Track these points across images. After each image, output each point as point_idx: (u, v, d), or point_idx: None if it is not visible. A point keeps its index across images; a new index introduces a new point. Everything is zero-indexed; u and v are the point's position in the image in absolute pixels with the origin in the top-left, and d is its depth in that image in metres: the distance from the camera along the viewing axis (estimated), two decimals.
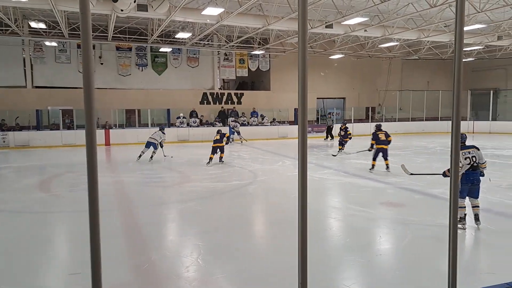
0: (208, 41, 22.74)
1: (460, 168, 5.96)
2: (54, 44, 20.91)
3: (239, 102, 24.66)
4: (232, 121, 21.71)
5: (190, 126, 21.84)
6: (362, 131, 24.14)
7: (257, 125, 23.22)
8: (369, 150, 12.23)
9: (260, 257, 5.35)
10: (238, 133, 20.57)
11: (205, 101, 24.06)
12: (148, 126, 21.48)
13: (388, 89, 28.35)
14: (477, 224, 6.21)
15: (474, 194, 6.22)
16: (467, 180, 6.12)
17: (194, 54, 23.83)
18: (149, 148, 14.11)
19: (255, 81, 27.21)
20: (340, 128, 16.18)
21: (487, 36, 20.59)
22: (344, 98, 28.08)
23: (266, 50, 24.01)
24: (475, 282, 4.33)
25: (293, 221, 2.50)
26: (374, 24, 17.45)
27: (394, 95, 28.12)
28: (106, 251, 2.06)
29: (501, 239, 5.95)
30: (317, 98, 26.68)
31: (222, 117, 23.12)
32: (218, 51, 23.97)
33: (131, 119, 22.15)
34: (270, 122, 23.88)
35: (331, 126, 22.38)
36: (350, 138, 15.88)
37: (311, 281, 2.67)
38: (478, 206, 6.21)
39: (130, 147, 19.21)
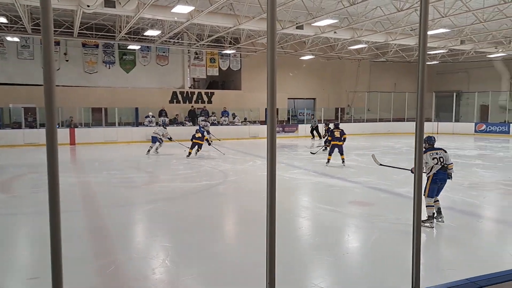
0: (178, 39, 22.48)
1: (431, 168, 6.26)
2: (16, 39, 20.12)
3: (209, 102, 24.51)
4: (202, 121, 21.55)
5: (159, 125, 21.51)
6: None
7: (227, 124, 23.15)
8: (325, 148, 13.42)
9: (229, 258, 5.32)
10: (208, 132, 20.43)
11: (174, 100, 23.76)
12: (115, 125, 21.02)
13: (357, 91, 28.91)
14: (440, 218, 6.43)
15: (438, 192, 6.51)
16: (437, 179, 6.37)
17: (164, 52, 23.50)
18: (155, 142, 15.85)
19: (226, 80, 27.13)
20: (324, 129, 16.92)
21: (450, 40, 21.32)
22: (314, 99, 28.42)
23: (237, 50, 23.98)
24: (437, 278, 4.46)
25: (263, 221, 2.48)
26: (344, 26, 17.74)
27: (362, 96, 28.70)
28: (70, 254, 1.99)
29: (462, 236, 6.17)
30: (288, 99, 26.89)
31: (192, 117, 22.91)
32: (188, 50, 23.73)
33: (98, 117, 21.58)
34: (241, 122, 23.87)
35: (316, 126, 23.15)
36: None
37: (280, 280, 2.68)
38: (438, 201, 6.50)
39: (96, 147, 18.75)
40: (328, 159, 12.79)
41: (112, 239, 6.01)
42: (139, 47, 22.34)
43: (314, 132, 22.86)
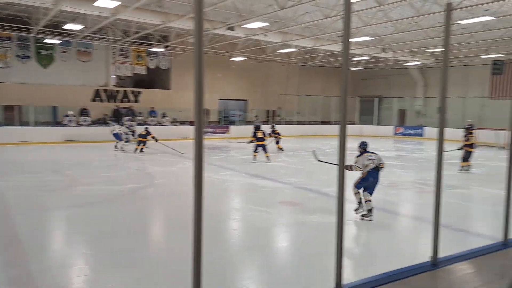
0: (102, 34, 21.39)
1: (366, 167, 6.86)
2: None
3: (136, 101, 23.57)
4: (127, 121, 20.69)
5: (81, 125, 20.32)
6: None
7: (155, 125, 22.43)
8: (248, 143, 14.81)
9: (155, 263, 5.11)
10: (134, 133, 19.67)
11: (97, 99, 22.51)
12: (30, 125, 19.47)
13: (287, 93, 29.59)
14: (368, 217, 6.87)
15: (370, 190, 6.94)
16: (369, 177, 6.91)
17: (86, 47, 22.19)
18: (120, 140, 16.82)
19: (155, 79, 26.31)
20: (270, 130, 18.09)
21: (373, 48, 22.61)
22: (246, 100, 28.61)
23: (166, 48, 23.35)
24: (359, 273, 4.64)
25: (192, 224, 2.39)
26: (274, 29, 18.05)
27: (292, 99, 29.44)
28: None
29: (381, 233, 6.51)
30: (219, 99, 26.77)
31: (117, 116, 21.81)
32: (113, 46, 22.64)
33: (10, 116, 19.78)
34: (171, 122, 23.29)
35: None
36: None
37: (208, 283, 2.58)
38: (370, 201, 6.92)
39: (8, 148, 17.20)
40: (254, 156, 14.10)
41: (25, 248, 5.50)
42: (58, 41, 20.88)
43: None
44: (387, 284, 2.98)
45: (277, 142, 17.92)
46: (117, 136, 16.92)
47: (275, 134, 18.00)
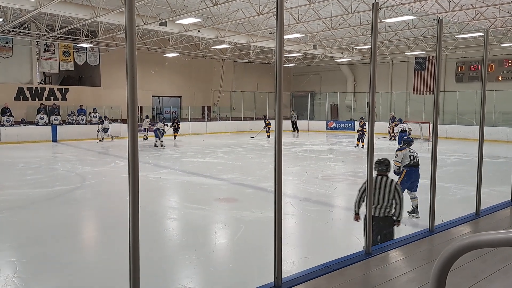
0: (24, 29, 19.86)
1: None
2: None
3: (63, 98, 22.17)
4: (55, 120, 19.46)
5: (3, 125, 18.75)
6: (198, 130, 24.57)
7: (85, 123, 21.30)
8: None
9: (89, 267, 4.85)
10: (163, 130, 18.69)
11: (21, 97, 20.85)
12: None
13: (222, 90, 29.51)
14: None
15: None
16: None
17: (7, 42, 20.47)
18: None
19: (83, 75, 24.95)
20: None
21: (304, 45, 23.22)
22: (180, 97, 28.10)
23: (95, 44, 22.20)
24: (298, 266, 4.74)
25: (127, 225, 2.27)
26: (207, 25, 17.86)
27: (227, 95, 29.41)
28: None
29: (317, 225, 6.71)
30: (153, 96, 26.03)
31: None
32: (37, 41, 21.10)
33: None
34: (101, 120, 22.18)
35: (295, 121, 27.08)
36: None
37: (146, 284, 2.48)
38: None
39: None
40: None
41: None
42: None
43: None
44: (325, 275, 3.06)
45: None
46: (157, 133, 17.40)
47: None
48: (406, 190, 6.63)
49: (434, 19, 16.43)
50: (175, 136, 21.21)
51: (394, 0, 13.24)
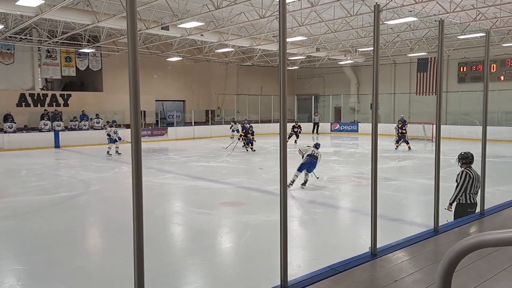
0: (26, 35, 19.97)
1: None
2: None
3: (65, 104, 22.22)
4: (57, 125, 19.52)
5: (5, 132, 18.83)
6: (202, 134, 24.59)
7: (88, 129, 21.32)
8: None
9: (94, 273, 4.86)
10: None
11: (23, 103, 20.91)
12: None
13: (226, 93, 29.55)
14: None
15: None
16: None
17: (8, 49, 20.59)
18: (113, 142, 16.18)
19: (85, 81, 25.04)
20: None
21: (307, 47, 23.24)
22: (184, 101, 28.16)
23: (97, 49, 22.30)
24: (305, 268, 4.73)
25: (131, 230, 2.28)
26: (210, 29, 17.92)
27: (231, 99, 29.44)
28: None
29: (323, 227, 6.70)
30: (156, 101, 26.10)
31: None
32: (38, 48, 21.21)
33: None
34: (103, 126, 22.19)
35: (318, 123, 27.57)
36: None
37: None
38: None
39: None
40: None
41: None
42: None
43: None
44: (331, 277, 3.05)
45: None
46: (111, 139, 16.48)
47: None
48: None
49: (435, 20, 16.42)
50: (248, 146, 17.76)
51: (395, 2, 13.25)
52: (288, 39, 18.57)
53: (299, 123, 22.11)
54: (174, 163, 14.46)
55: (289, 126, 20.67)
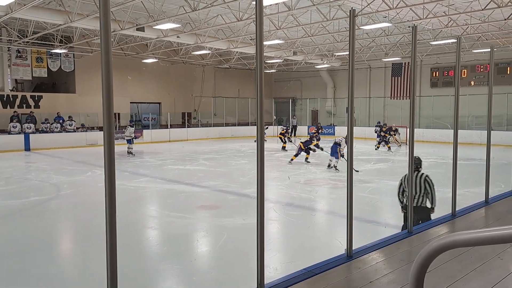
0: None
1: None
2: None
3: (36, 106, 21.60)
4: (27, 128, 18.93)
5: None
6: (178, 137, 24.35)
7: (60, 131, 20.73)
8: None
9: (65, 280, 4.72)
10: None
11: None
12: None
13: (203, 95, 29.38)
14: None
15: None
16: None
17: None
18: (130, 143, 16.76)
19: (57, 82, 24.42)
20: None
21: (285, 51, 23.39)
22: (159, 103, 27.84)
23: (69, 49, 21.77)
24: (281, 271, 4.72)
25: (104, 235, 2.22)
26: (187, 31, 17.79)
27: (208, 101, 29.28)
28: None
29: (299, 229, 6.72)
30: (131, 103, 25.70)
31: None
32: (8, 47, 20.56)
33: None
34: (77, 128, 21.68)
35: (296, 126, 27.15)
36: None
37: None
38: None
39: None
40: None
41: None
42: None
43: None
44: (307, 279, 3.06)
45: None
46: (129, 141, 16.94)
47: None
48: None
49: (409, 26, 16.80)
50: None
51: (370, 7, 13.48)
52: (265, 42, 18.63)
53: (285, 128, 20.89)
54: (149, 166, 14.25)
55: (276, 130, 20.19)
